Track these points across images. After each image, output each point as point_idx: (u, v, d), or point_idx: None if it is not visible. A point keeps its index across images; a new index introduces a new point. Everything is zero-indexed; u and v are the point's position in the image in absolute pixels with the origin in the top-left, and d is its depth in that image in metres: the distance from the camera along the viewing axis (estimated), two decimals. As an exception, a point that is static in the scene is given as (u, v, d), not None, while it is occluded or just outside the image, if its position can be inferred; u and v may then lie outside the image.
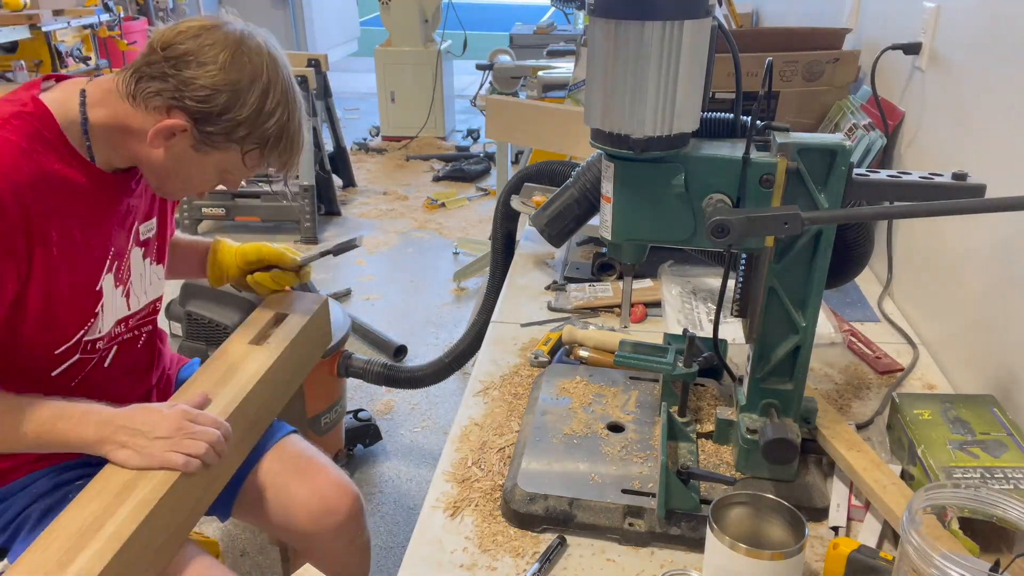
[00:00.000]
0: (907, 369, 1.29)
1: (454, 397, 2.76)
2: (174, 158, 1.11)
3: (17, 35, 4.77)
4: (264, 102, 1.09)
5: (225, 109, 1.07)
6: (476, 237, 4.08)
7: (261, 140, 1.12)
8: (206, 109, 1.06)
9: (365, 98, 6.92)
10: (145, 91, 1.06)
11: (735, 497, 0.87)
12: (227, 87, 1.06)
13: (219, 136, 1.09)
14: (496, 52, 4.26)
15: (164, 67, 1.05)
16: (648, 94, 0.83)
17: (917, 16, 1.46)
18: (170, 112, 1.07)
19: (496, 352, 1.37)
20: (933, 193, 0.88)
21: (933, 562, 0.68)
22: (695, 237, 0.94)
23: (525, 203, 1.76)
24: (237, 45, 1.07)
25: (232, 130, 1.09)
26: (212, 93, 1.06)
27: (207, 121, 1.07)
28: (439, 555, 0.94)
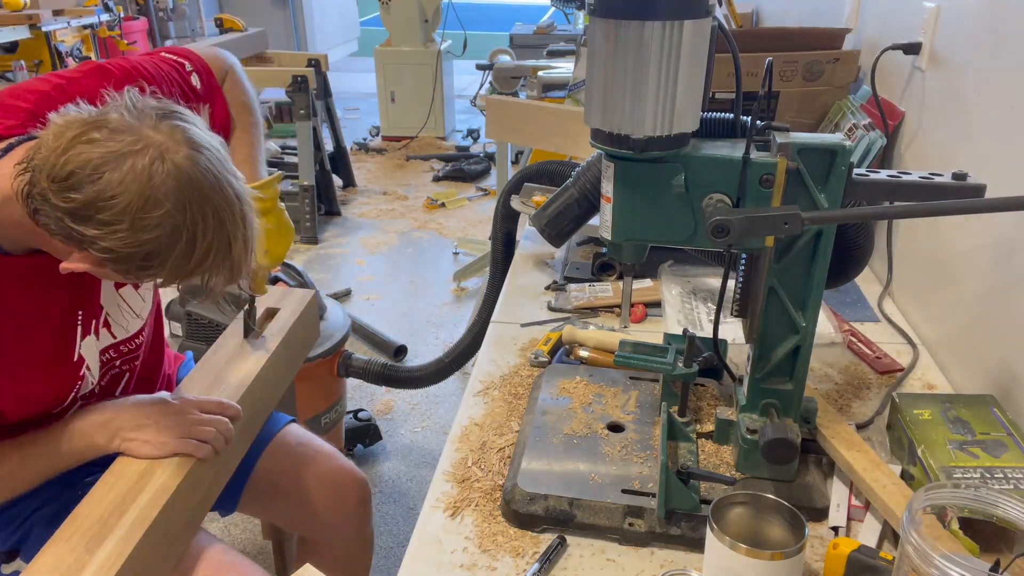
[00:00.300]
0: (907, 369, 1.29)
1: (454, 397, 2.76)
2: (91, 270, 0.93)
3: (17, 35, 4.77)
4: (192, 250, 0.89)
5: (142, 267, 0.88)
6: (476, 237, 4.08)
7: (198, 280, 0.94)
8: (119, 265, 0.88)
9: (365, 98, 6.92)
10: (46, 226, 0.87)
11: (735, 497, 0.87)
12: (140, 248, 0.86)
13: (130, 271, 0.90)
14: (496, 52, 4.26)
15: (59, 213, 0.84)
16: (648, 94, 0.83)
17: (917, 16, 1.46)
18: (80, 251, 0.89)
19: (496, 352, 1.37)
20: (933, 193, 0.89)
21: (933, 562, 0.68)
22: (695, 237, 0.94)
23: (525, 203, 1.76)
24: (148, 189, 0.84)
25: (155, 276, 0.92)
26: (123, 256, 0.87)
27: (122, 264, 0.88)
28: (439, 555, 0.94)
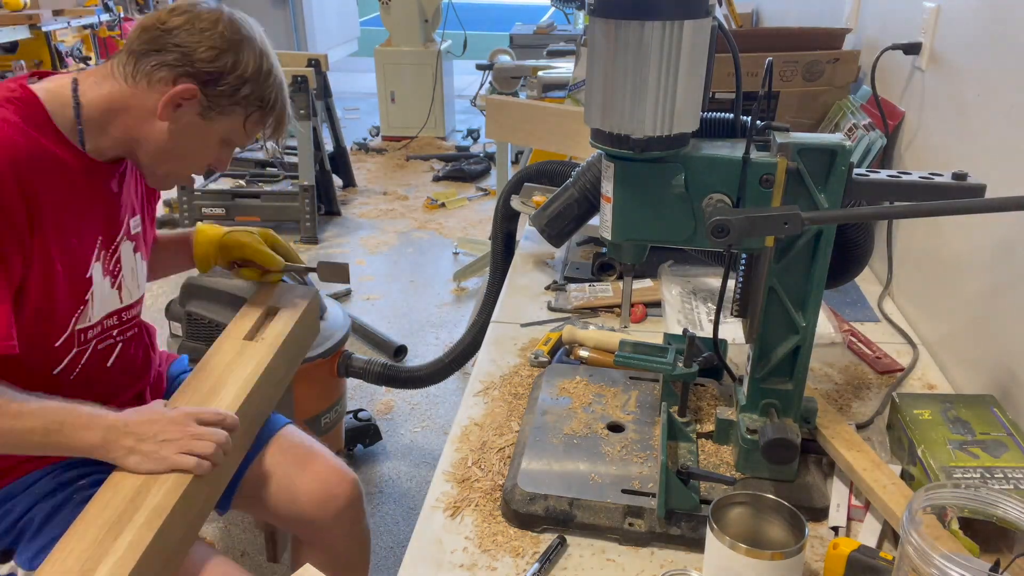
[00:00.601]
0: (907, 369, 1.29)
1: (454, 397, 2.76)
2: (179, 131, 1.14)
3: (17, 35, 4.77)
4: (262, 61, 1.16)
5: (232, 67, 1.12)
6: (476, 237, 4.08)
7: (263, 101, 1.17)
8: (214, 69, 1.11)
9: (365, 98, 6.92)
10: (148, 66, 1.10)
11: (735, 497, 0.87)
12: (230, 47, 1.12)
13: (225, 99, 1.14)
14: (496, 52, 4.26)
15: (166, 39, 1.10)
16: (648, 94, 0.83)
17: (917, 16, 1.46)
18: (176, 81, 1.11)
19: (496, 352, 1.37)
20: (933, 193, 0.88)
21: (933, 562, 0.68)
22: (695, 237, 0.94)
23: (525, 203, 1.76)
24: (224, 13, 1.14)
25: (237, 90, 1.14)
26: (218, 53, 1.11)
27: (215, 83, 1.12)
28: (439, 555, 0.94)
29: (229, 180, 4.29)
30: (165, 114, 1.12)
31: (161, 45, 1.11)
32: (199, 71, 1.11)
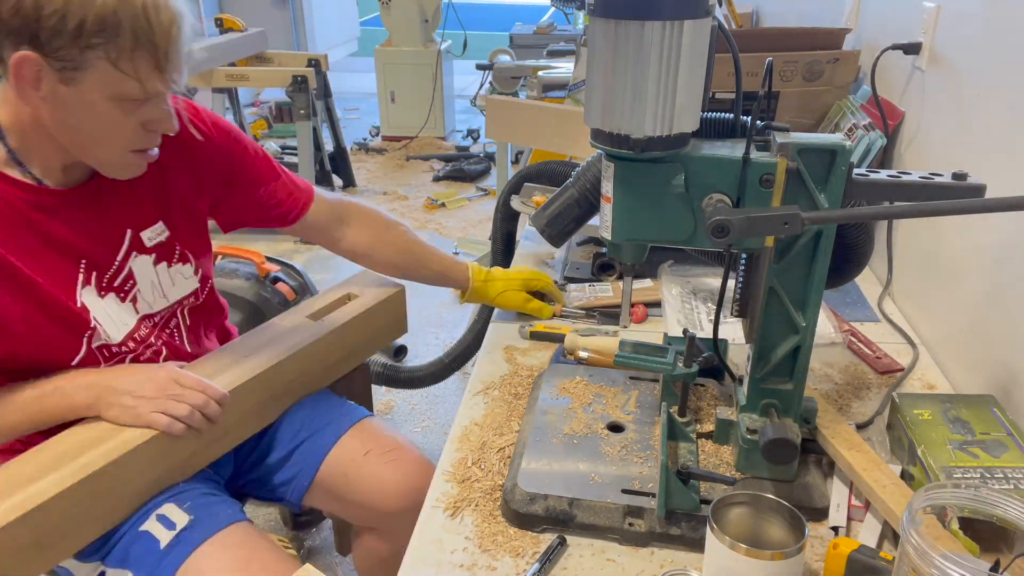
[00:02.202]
0: (907, 369, 1.29)
1: (454, 397, 2.76)
2: (59, 108, 0.98)
3: None
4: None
5: (54, 10, 0.91)
6: (476, 237, 4.08)
7: (110, 30, 0.94)
8: (26, 22, 0.92)
9: (365, 98, 6.91)
10: None
11: (735, 497, 0.87)
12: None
13: (67, 49, 0.93)
14: (496, 52, 4.26)
15: None
16: (648, 94, 0.83)
17: (917, 16, 1.46)
18: (6, 58, 0.94)
19: (496, 352, 1.37)
20: (933, 193, 0.88)
21: (933, 562, 0.68)
22: (695, 237, 0.94)
23: (525, 203, 1.76)
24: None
25: (75, 35, 0.93)
26: (20, 3, 0.91)
27: (51, 37, 0.92)
28: (439, 555, 0.94)
29: (229, 180, 4.28)
30: (27, 97, 0.97)
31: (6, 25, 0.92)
32: (16, 30, 0.92)
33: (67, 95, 0.97)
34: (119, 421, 1.10)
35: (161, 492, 1.15)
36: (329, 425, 1.35)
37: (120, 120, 1.02)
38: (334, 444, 1.32)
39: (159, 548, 1.10)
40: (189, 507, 1.14)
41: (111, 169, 1.10)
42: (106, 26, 0.94)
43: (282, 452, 1.33)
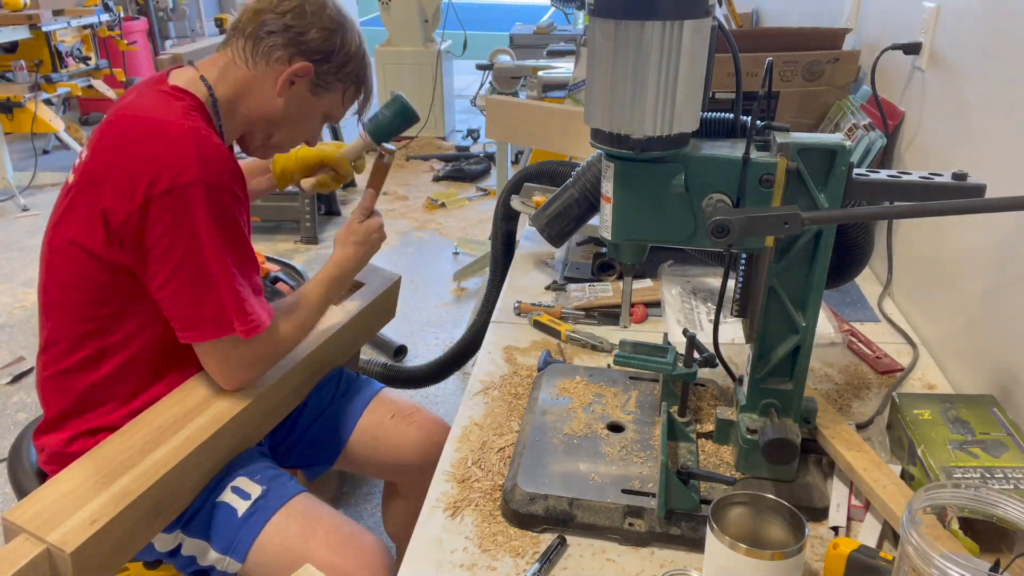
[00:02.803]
0: (907, 369, 1.29)
1: (454, 397, 2.76)
2: (293, 105, 1.27)
3: (17, 35, 4.77)
4: (360, 42, 1.31)
5: (340, 47, 1.26)
6: (476, 237, 4.08)
7: (358, 77, 1.32)
8: (325, 48, 1.24)
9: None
10: (265, 47, 1.23)
11: (735, 497, 0.87)
12: (337, 28, 1.25)
13: (331, 76, 1.27)
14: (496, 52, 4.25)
15: (283, 21, 1.22)
16: (648, 94, 0.83)
17: (917, 16, 1.46)
18: (292, 60, 1.23)
19: (496, 352, 1.37)
20: (933, 193, 0.88)
21: (933, 562, 0.68)
22: (695, 237, 0.94)
23: (525, 203, 1.76)
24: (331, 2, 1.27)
25: (342, 67, 1.28)
26: (329, 33, 1.24)
27: (325, 61, 1.25)
28: (439, 555, 0.94)
29: (229, 180, 4.29)
30: (283, 90, 1.24)
31: (274, 27, 1.22)
32: (311, 50, 1.23)
33: (304, 100, 1.28)
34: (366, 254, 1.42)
35: (231, 464, 1.27)
36: (354, 397, 1.52)
37: (313, 127, 1.35)
38: (362, 412, 1.50)
39: (237, 517, 1.22)
40: (259, 479, 1.26)
41: (271, 151, 1.37)
42: (359, 79, 1.33)
43: (314, 423, 1.49)
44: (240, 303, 1.17)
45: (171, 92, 1.20)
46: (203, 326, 1.17)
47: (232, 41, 1.25)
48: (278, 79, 1.23)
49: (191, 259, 1.13)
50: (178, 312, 1.17)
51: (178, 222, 1.11)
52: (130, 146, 1.14)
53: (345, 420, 1.49)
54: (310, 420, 1.50)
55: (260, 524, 1.21)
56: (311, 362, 1.43)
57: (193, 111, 1.18)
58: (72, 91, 5.05)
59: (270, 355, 1.26)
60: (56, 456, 1.23)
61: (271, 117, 1.27)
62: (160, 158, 1.11)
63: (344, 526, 1.25)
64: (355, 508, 2.20)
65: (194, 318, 1.17)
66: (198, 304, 1.16)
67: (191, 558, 1.24)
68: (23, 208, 4.55)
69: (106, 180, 1.13)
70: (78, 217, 1.17)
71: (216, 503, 1.23)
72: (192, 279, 1.14)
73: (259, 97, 1.26)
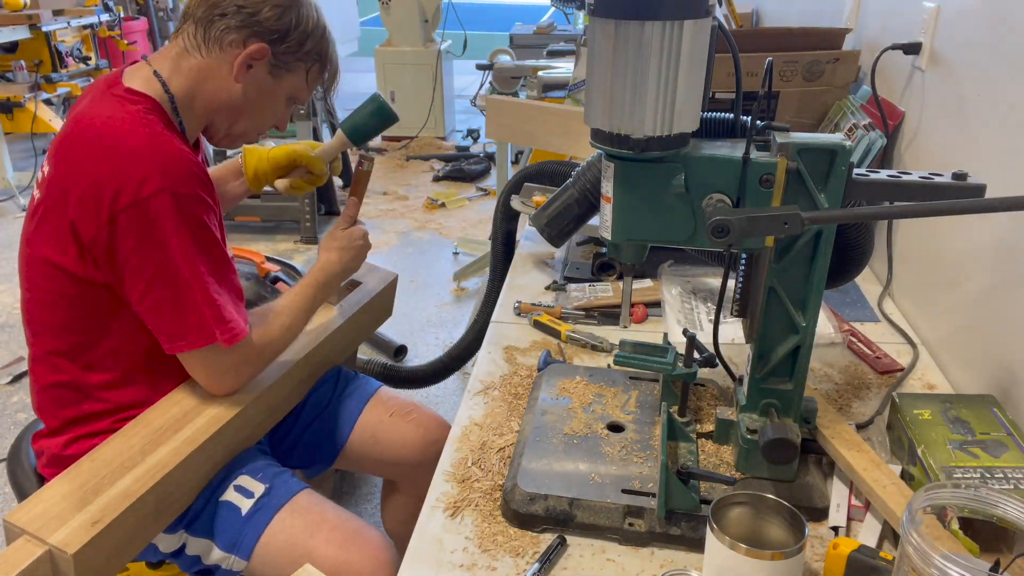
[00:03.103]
0: (907, 369, 1.29)
1: (454, 397, 2.76)
2: (253, 90, 1.23)
3: (17, 35, 4.77)
4: (317, 16, 1.25)
5: (296, 24, 1.20)
6: (476, 237, 4.08)
7: (321, 54, 1.27)
8: (279, 27, 1.19)
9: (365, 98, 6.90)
10: (217, 31, 1.17)
11: (735, 497, 0.87)
12: (291, 4, 1.20)
13: (291, 55, 1.22)
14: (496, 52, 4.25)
15: (234, 2, 1.17)
16: (648, 94, 0.83)
17: (917, 16, 1.46)
18: (247, 43, 1.18)
19: (496, 352, 1.37)
20: (933, 193, 0.88)
21: (933, 562, 0.68)
22: (695, 237, 0.94)
23: (525, 203, 1.76)
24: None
25: (301, 45, 1.22)
26: (282, 11, 1.19)
27: (281, 40, 1.20)
28: (439, 555, 0.94)
29: (229, 180, 4.29)
30: (240, 75, 1.20)
31: (225, 9, 1.17)
32: (266, 30, 1.18)
33: (264, 84, 1.23)
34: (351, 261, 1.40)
35: (233, 463, 1.27)
36: (353, 395, 1.52)
37: (279, 112, 1.30)
38: (361, 411, 1.50)
39: (241, 515, 1.22)
40: (262, 477, 1.26)
41: (237, 141, 1.33)
42: (321, 56, 1.27)
43: (313, 422, 1.49)
44: (218, 311, 1.15)
45: (125, 96, 1.15)
46: (185, 336, 1.15)
47: (183, 28, 1.20)
48: (234, 64, 1.18)
49: (164, 271, 1.12)
50: (160, 324, 1.16)
51: (147, 235, 1.09)
52: (91, 161, 1.10)
53: (344, 419, 1.50)
54: (309, 419, 1.50)
55: (264, 521, 1.21)
56: (309, 361, 1.43)
57: (150, 114, 1.14)
58: (72, 91, 5.04)
59: (255, 361, 1.25)
60: (55, 459, 1.23)
61: (231, 105, 1.22)
62: (122, 171, 1.08)
63: (349, 521, 1.25)
64: (355, 508, 2.20)
65: (176, 329, 1.15)
66: (178, 315, 1.14)
67: (195, 557, 1.24)
68: (23, 208, 4.55)
69: (70, 196, 1.10)
70: (49, 234, 1.14)
71: (219, 502, 1.23)
72: (168, 291, 1.13)
73: (216, 85, 1.20)
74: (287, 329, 1.30)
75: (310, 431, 1.50)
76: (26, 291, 1.22)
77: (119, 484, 1.09)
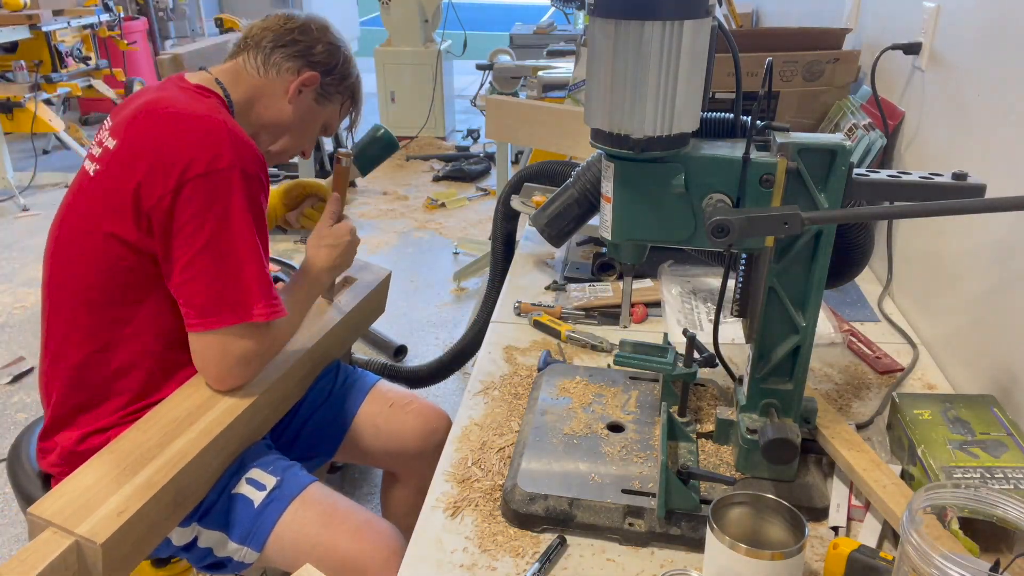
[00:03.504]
0: (907, 369, 1.29)
1: (454, 397, 2.76)
2: (300, 112, 1.37)
3: (17, 35, 4.77)
4: (354, 62, 1.43)
5: (342, 62, 1.39)
6: (476, 237, 4.08)
7: (354, 92, 1.45)
8: (330, 62, 1.36)
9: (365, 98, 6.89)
10: (277, 58, 1.33)
11: (735, 497, 0.87)
12: (340, 46, 1.39)
13: (333, 87, 1.39)
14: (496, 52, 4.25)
15: (291, 36, 1.33)
16: (648, 94, 0.83)
17: (917, 16, 1.46)
18: (300, 71, 1.34)
19: (496, 352, 1.37)
20: (933, 193, 0.88)
21: (933, 562, 0.68)
22: (695, 237, 0.94)
23: (525, 203, 1.76)
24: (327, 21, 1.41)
25: (343, 80, 1.40)
26: (334, 49, 1.37)
27: (329, 73, 1.37)
28: (439, 555, 0.94)
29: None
30: (293, 97, 1.34)
31: (285, 42, 1.33)
32: (318, 62, 1.35)
33: (309, 108, 1.38)
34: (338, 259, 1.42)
35: (244, 456, 1.29)
36: (352, 388, 1.56)
37: (314, 136, 1.45)
38: (361, 402, 1.54)
39: (253, 508, 1.24)
40: (272, 470, 1.29)
41: (274, 158, 1.43)
42: (354, 93, 1.46)
43: (314, 414, 1.52)
44: (267, 286, 1.21)
45: (196, 90, 1.27)
46: (220, 311, 1.18)
47: (242, 53, 1.34)
48: (289, 87, 1.33)
49: (218, 240, 1.16)
50: (196, 297, 1.18)
51: (210, 203, 1.15)
52: (166, 134, 1.17)
53: (345, 410, 1.53)
54: (311, 411, 1.53)
55: (277, 513, 1.23)
56: (312, 356, 1.46)
57: (221, 106, 1.26)
58: (72, 91, 5.05)
59: (265, 353, 1.27)
60: (68, 456, 1.24)
61: (280, 122, 1.36)
62: (197, 144, 1.15)
63: (359, 512, 1.28)
64: (355, 508, 2.20)
65: (212, 303, 1.18)
66: (219, 288, 1.17)
67: (208, 550, 1.26)
68: (23, 208, 4.55)
69: (139, 163, 1.16)
70: (103, 202, 1.20)
71: (232, 495, 1.25)
72: (216, 261, 1.17)
73: (269, 103, 1.34)
74: (289, 323, 1.32)
75: (311, 423, 1.52)
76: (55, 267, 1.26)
77: (141, 475, 1.10)
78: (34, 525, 1.04)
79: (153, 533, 1.12)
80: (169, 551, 1.28)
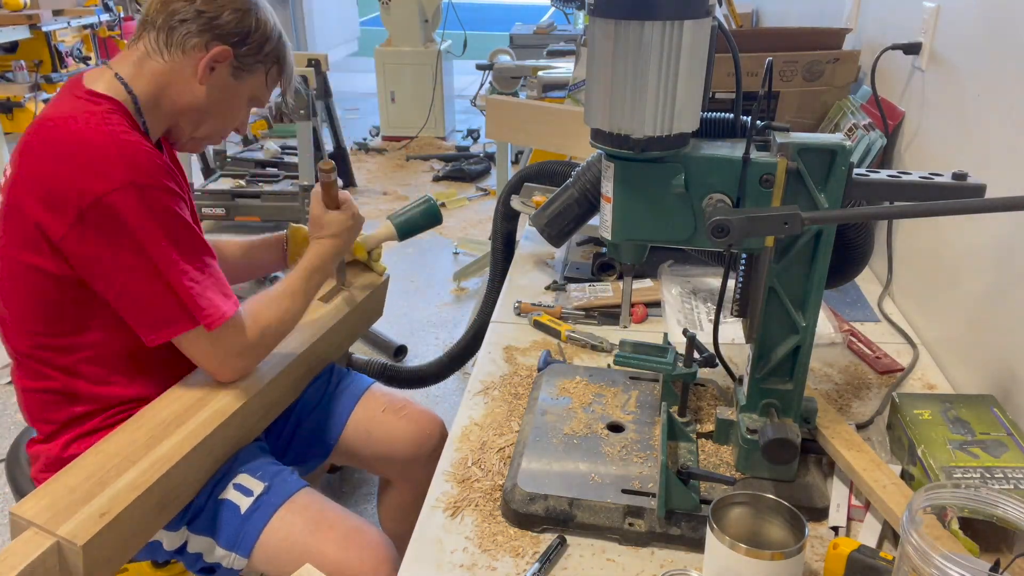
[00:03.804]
0: (907, 369, 1.29)
1: (454, 397, 2.76)
2: (217, 92, 1.24)
3: (17, 35, 4.77)
4: (272, 20, 1.28)
5: (256, 27, 1.24)
6: (476, 237, 4.08)
7: (279, 57, 1.30)
8: (240, 31, 1.22)
9: (365, 98, 6.91)
10: (179, 36, 1.19)
11: (735, 497, 0.87)
12: (249, 8, 1.23)
13: (251, 58, 1.25)
14: (496, 52, 4.25)
15: (193, 7, 1.19)
16: (648, 94, 0.83)
17: (917, 16, 1.46)
18: (209, 46, 1.20)
19: (496, 352, 1.37)
20: (933, 193, 0.88)
21: (933, 562, 0.68)
22: (695, 237, 0.94)
23: (525, 203, 1.76)
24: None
25: (260, 48, 1.25)
26: (242, 15, 1.22)
27: (242, 43, 1.23)
28: (439, 555, 0.94)
29: (229, 180, 4.29)
30: (204, 77, 1.21)
31: (185, 15, 1.19)
32: (227, 33, 1.21)
33: (227, 86, 1.25)
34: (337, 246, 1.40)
35: (233, 461, 1.27)
36: (346, 391, 1.54)
37: (241, 113, 1.32)
38: (354, 407, 1.52)
39: (240, 514, 1.22)
40: (261, 475, 1.27)
41: (201, 144, 1.34)
42: (279, 58, 1.30)
43: (308, 417, 1.50)
44: (193, 298, 1.15)
45: (86, 97, 1.17)
46: (168, 325, 1.15)
47: (143, 35, 1.21)
48: (197, 67, 1.20)
49: (137, 264, 1.12)
50: (138, 317, 1.16)
51: (115, 231, 1.09)
52: (53, 160, 1.10)
53: (338, 414, 1.51)
54: (304, 415, 1.51)
55: (264, 520, 1.22)
56: (306, 358, 1.45)
57: (111, 114, 1.15)
58: (72, 91, 5.04)
59: (256, 344, 1.25)
60: (55, 462, 1.23)
61: (196, 106, 1.24)
62: (85, 169, 1.08)
63: (348, 520, 1.26)
64: (354, 509, 2.20)
65: (155, 320, 1.15)
66: (156, 306, 1.14)
67: (197, 555, 1.25)
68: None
69: (35, 196, 1.10)
70: (19, 236, 1.14)
71: (219, 500, 1.24)
72: (143, 283, 1.13)
73: (180, 88, 1.22)
74: (286, 312, 1.30)
75: (304, 427, 1.51)
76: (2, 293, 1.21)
77: (125, 476, 1.09)
78: (16, 525, 1.04)
79: (137, 535, 1.11)
80: (163, 556, 1.27)
